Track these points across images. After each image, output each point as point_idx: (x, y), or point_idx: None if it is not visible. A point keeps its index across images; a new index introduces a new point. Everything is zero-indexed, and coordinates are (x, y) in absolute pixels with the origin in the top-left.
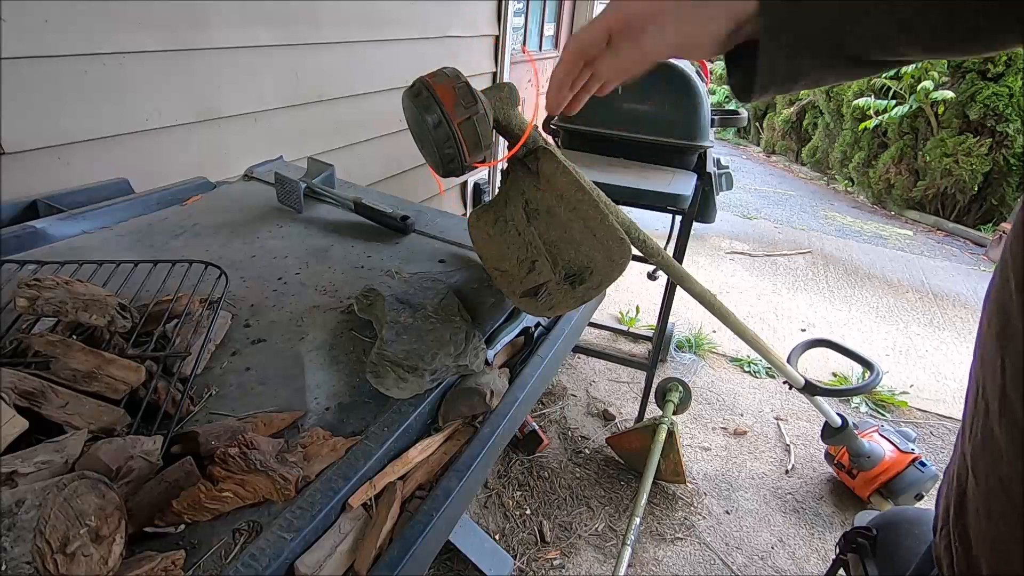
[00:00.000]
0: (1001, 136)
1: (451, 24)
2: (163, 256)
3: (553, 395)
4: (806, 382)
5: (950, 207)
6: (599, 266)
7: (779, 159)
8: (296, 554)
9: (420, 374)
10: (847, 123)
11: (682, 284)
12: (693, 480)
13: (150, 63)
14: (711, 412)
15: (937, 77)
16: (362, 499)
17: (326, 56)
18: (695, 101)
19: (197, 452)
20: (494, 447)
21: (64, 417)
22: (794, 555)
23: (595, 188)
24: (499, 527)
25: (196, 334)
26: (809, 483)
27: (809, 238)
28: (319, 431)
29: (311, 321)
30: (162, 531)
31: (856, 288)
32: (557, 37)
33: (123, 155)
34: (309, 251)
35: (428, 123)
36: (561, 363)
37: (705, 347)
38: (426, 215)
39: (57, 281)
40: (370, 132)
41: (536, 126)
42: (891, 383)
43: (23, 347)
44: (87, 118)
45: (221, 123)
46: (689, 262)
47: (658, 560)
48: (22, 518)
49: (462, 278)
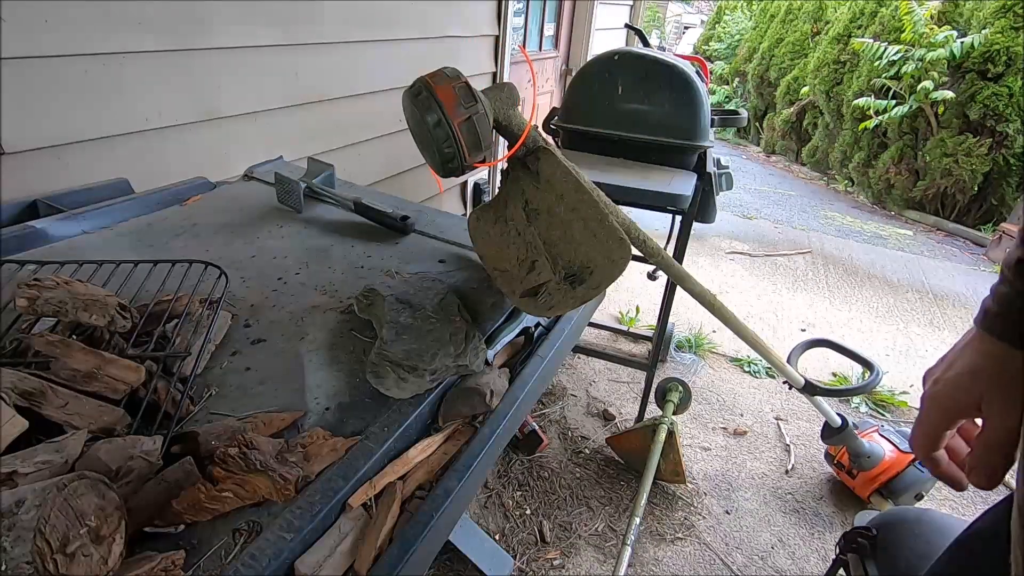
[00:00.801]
0: (1001, 136)
1: (451, 24)
2: (163, 256)
3: (553, 395)
4: (806, 382)
5: (950, 207)
6: (599, 266)
7: (779, 159)
8: (296, 554)
9: (420, 374)
10: (847, 123)
11: (682, 284)
12: (693, 480)
13: (150, 63)
14: (711, 412)
15: (937, 77)
16: (362, 499)
17: (326, 56)
18: (695, 101)
19: (197, 452)
20: (494, 447)
21: (64, 417)
22: (794, 555)
23: (595, 188)
24: (499, 527)
25: (196, 334)
26: (809, 483)
27: (809, 238)
28: (319, 431)
29: (311, 321)
30: (162, 531)
31: (856, 288)
32: (557, 37)
33: (123, 155)
34: (309, 251)
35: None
36: (561, 363)
37: (705, 347)
38: (426, 215)
39: (57, 281)
40: (370, 132)
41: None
42: (891, 383)
43: (23, 347)
44: (87, 118)
45: (221, 123)
46: (689, 262)
47: (658, 560)
48: (22, 518)
49: (462, 278)
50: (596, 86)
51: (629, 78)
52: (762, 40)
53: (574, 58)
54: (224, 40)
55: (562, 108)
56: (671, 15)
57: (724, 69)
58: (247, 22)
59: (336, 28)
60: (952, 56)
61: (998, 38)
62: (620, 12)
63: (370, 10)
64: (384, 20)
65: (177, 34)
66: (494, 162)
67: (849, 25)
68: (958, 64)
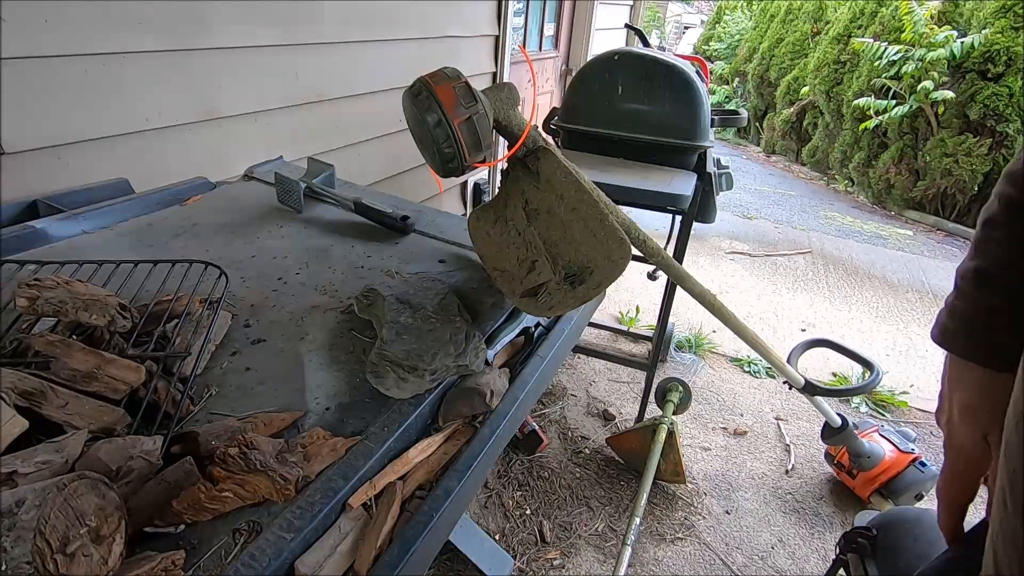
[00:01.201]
0: (1001, 136)
1: (451, 24)
2: (163, 256)
3: (553, 395)
4: (806, 382)
5: (950, 207)
6: (599, 266)
7: (779, 159)
8: (296, 554)
9: (420, 374)
10: (847, 123)
11: (682, 284)
12: (693, 480)
13: (150, 63)
14: (711, 412)
15: (937, 77)
16: (362, 499)
17: (326, 56)
18: (695, 101)
19: (197, 452)
20: (494, 447)
21: (64, 417)
22: (794, 555)
23: (595, 188)
24: (499, 527)
25: (196, 334)
26: (809, 483)
27: (809, 238)
28: (319, 431)
29: (311, 321)
30: (162, 531)
31: (856, 288)
32: (557, 37)
33: (123, 155)
34: (309, 251)
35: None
36: (561, 363)
37: (705, 347)
38: (426, 215)
39: (57, 281)
40: (370, 132)
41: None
42: (891, 383)
43: (23, 347)
44: (87, 118)
45: (221, 123)
46: (689, 262)
47: (658, 560)
48: (22, 518)
49: (462, 278)
50: (596, 86)
51: (629, 78)
52: (762, 40)
53: (574, 58)
54: (224, 40)
55: (562, 108)
56: (671, 15)
57: (724, 69)
58: (247, 22)
59: (336, 28)
60: (952, 56)
61: (998, 38)
62: (620, 12)
63: (370, 10)
64: (384, 20)
65: (177, 34)
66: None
67: (849, 25)
68: (958, 64)
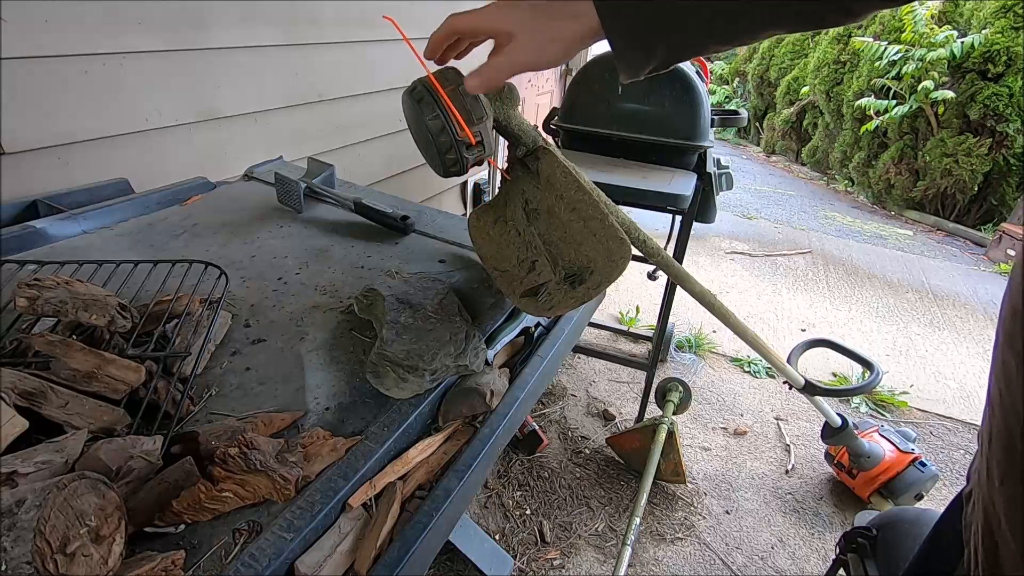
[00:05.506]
0: (1001, 136)
1: None
2: (163, 256)
3: (553, 395)
4: (806, 382)
5: (950, 207)
6: (599, 266)
7: (779, 159)
8: (296, 554)
9: (420, 374)
10: (847, 123)
11: (682, 284)
12: (693, 480)
13: (150, 63)
14: (711, 412)
15: (937, 77)
16: (362, 499)
17: (326, 56)
18: (695, 101)
19: (197, 452)
20: (494, 447)
21: (64, 417)
22: (794, 555)
23: (595, 188)
24: (499, 527)
25: (196, 334)
26: (809, 483)
27: (809, 238)
28: (319, 431)
29: (311, 321)
30: (162, 531)
31: (856, 288)
32: None
33: (123, 155)
34: (309, 251)
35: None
36: (561, 363)
37: (705, 347)
38: (426, 215)
39: (57, 281)
40: (370, 132)
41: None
42: (891, 383)
43: (23, 347)
44: (87, 118)
45: (221, 123)
46: (689, 262)
47: (658, 560)
48: (22, 518)
49: (462, 278)
50: (596, 86)
51: None
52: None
53: (574, 58)
54: (224, 40)
55: (562, 108)
56: None
57: (724, 69)
58: (247, 22)
59: (336, 28)
60: (952, 56)
61: (998, 38)
62: None
63: (370, 10)
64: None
65: (177, 34)
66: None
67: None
68: (958, 64)
